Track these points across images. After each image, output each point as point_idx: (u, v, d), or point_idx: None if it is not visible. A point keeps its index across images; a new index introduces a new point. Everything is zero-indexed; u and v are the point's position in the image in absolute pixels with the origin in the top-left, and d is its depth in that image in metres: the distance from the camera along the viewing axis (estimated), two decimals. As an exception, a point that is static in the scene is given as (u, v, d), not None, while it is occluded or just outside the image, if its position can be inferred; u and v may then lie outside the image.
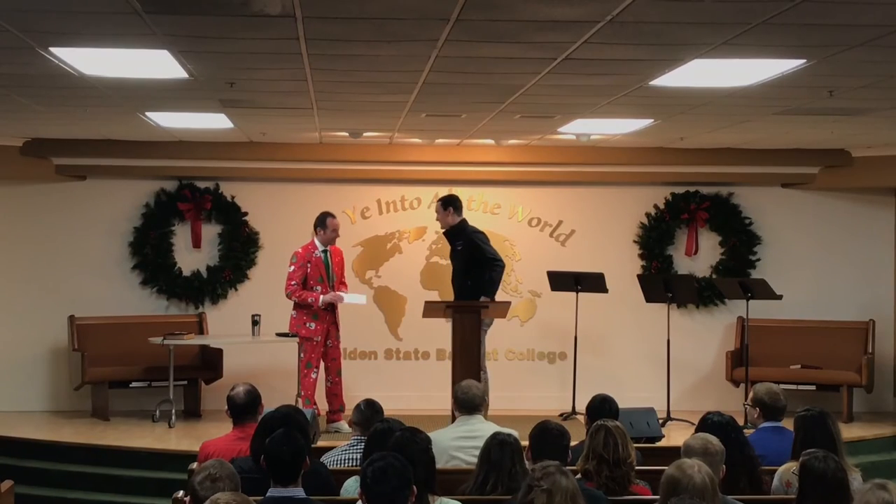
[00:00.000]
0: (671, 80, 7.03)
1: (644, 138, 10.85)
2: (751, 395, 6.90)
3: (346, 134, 10.71)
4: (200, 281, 12.05)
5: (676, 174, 12.17)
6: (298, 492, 4.98)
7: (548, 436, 5.46)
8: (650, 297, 11.24)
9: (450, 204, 10.15)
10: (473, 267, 9.96)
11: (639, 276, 11.73)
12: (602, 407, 6.59)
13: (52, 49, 6.18)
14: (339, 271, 10.56)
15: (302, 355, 10.37)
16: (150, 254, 11.92)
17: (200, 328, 11.83)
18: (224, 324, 11.82)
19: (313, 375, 10.29)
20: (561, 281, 11.46)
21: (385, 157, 11.85)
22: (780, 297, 10.90)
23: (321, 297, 10.25)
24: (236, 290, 12.12)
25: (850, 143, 11.27)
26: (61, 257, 11.88)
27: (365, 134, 10.74)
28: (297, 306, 10.38)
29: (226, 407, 6.56)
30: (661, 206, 12.34)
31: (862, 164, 11.68)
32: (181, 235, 12.09)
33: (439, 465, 5.59)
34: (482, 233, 10.24)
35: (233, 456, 5.93)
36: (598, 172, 12.14)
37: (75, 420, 11.21)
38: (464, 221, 10.17)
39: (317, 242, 10.41)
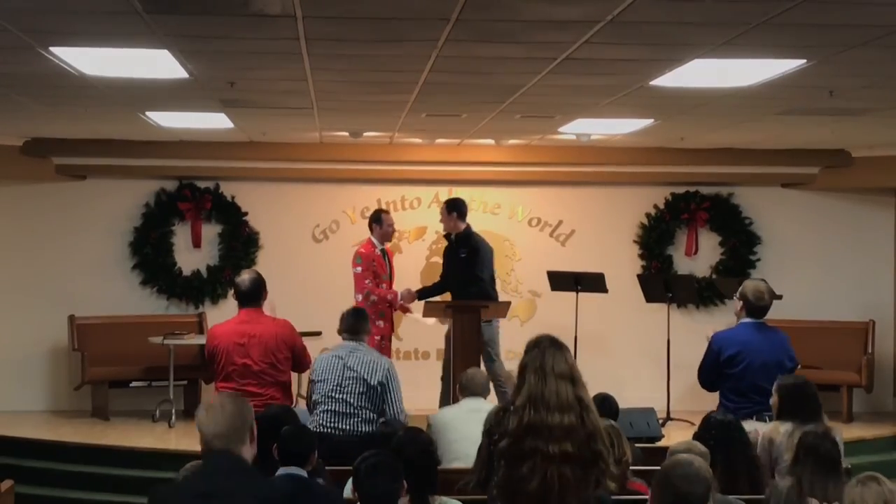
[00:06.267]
0: (671, 80, 7.02)
1: (644, 138, 10.85)
2: (741, 288, 7.24)
3: (347, 134, 10.71)
4: (200, 281, 12.04)
5: (676, 174, 12.17)
6: (303, 472, 5.25)
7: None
8: (650, 297, 11.23)
9: (454, 209, 10.08)
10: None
11: (639, 276, 11.72)
12: (602, 406, 6.56)
13: (53, 49, 6.18)
14: (393, 272, 10.37)
15: None
16: (150, 253, 11.92)
17: (200, 328, 11.81)
18: (224, 324, 11.80)
19: None
20: (561, 281, 11.45)
21: (385, 157, 11.85)
22: (779, 297, 10.85)
23: (399, 293, 10.04)
24: (236, 289, 12.11)
25: (850, 143, 11.26)
26: (61, 257, 11.87)
27: (365, 134, 10.74)
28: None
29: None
30: (661, 206, 12.34)
31: (862, 164, 11.67)
32: (181, 235, 12.08)
33: (448, 438, 5.74)
34: (486, 248, 10.06)
35: (240, 337, 6.94)
36: (598, 172, 12.14)
37: (75, 420, 11.20)
38: (469, 228, 10.11)
39: (374, 241, 10.19)
